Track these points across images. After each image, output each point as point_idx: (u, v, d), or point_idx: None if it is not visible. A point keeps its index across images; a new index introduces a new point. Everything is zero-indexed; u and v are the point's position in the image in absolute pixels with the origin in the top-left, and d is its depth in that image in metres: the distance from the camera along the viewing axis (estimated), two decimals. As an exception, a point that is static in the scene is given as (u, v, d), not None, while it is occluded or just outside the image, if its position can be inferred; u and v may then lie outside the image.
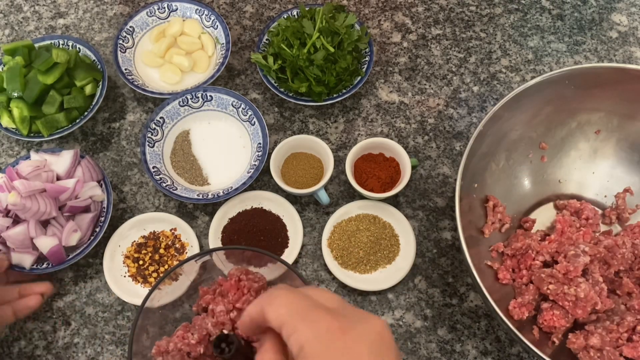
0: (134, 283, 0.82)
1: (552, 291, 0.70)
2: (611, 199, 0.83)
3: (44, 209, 0.76)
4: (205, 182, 0.87)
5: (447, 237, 0.84)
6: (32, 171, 0.77)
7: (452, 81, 0.95)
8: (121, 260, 0.83)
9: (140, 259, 0.82)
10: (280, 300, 0.42)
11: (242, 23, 1.02)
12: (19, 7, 1.05)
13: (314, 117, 0.93)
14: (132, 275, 0.82)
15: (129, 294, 0.80)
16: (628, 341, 0.69)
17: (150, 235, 0.84)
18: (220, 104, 0.90)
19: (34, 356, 0.79)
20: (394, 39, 0.99)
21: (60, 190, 0.77)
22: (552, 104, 0.78)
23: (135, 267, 0.82)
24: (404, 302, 0.80)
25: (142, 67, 0.96)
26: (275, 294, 0.43)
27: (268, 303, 0.42)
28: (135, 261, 0.82)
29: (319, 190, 0.83)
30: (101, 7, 1.04)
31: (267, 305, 0.42)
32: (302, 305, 0.42)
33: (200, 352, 0.59)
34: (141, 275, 0.81)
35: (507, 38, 0.99)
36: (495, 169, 0.79)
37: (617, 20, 1.00)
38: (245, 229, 0.83)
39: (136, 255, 0.82)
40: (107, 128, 0.94)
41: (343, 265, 0.81)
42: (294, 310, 0.41)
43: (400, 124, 0.92)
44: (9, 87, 0.86)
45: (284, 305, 0.42)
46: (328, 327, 0.40)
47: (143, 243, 0.83)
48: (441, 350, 0.78)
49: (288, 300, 0.42)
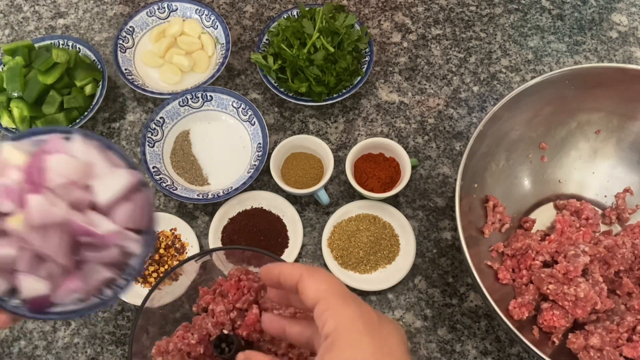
0: (134, 283, 0.81)
1: (552, 291, 0.70)
2: (611, 199, 0.83)
3: (50, 251, 0.46)
4: (205, 182, 0.87)
5: (447, 237, 0.84)
6: (66, 183, 0.46)
7: (452, 81, 0.95)
8: None
9: (140, 259, 0.82)
10: (322, 276, 0.43)
11: (242, 23, 1.02)
12: (19, 7, 1.05)
13: (314, 117, 0.93)
14: (132, 276, 0.82)
15: (129, 294, 0.80)
16: (628, 341, 0.69)
17: (150, 235, 0.84)
18: (220, 104, 0.90)
19: (34, 356, 0.79)
20: (394, 39, 0.99)
21: (87, 233, 0.47)
22: (552, 104, 0.78)
23: (135, 267, 0.82)
24: (404, 302, 0.80)
25: (142, 67, 0.96)
26: (316, 269, 0.43)
27: (309, 274, 0.42)
28: (135, 261, 0.82)
29: (319, 190, 0.83)
30: (101, 7, 1.04)
31: (308, 275, 0.42)
32: (342, 288, 0.43)
33: (200, 352, 0.59)
34: (141, 275, 0.81)
35: (507, 38, 0.99)
36: (495, 169, 0.79)
37: (617, 20, 1.00)
38: (245, 229, 0.83)
39: (136, 255, 0.82)
40: (107, 128, 0.94)
41: (343, 265, 0.81)
42: (335, 290, 0.42)
43: (400, 124, 0.92)
44: (9, 87, 0.86)
45: (325, 281, 0.42)
46: (365, 314, 0.41)
47: (143, 243, 0.83)
48: (441, 350, 0.78)
49: (330, 278, 0.43)
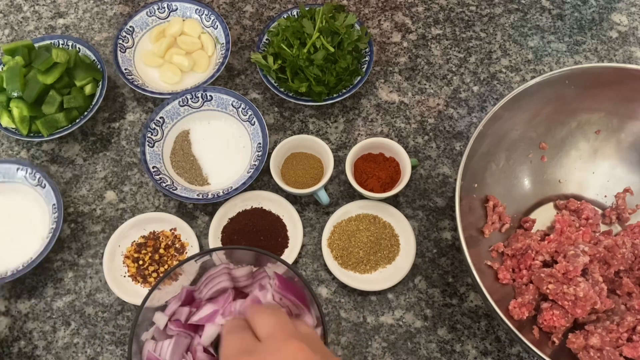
0: (134, 283, 0.82)
1: (551, 291, 0.70)
2: (611, 199, 0.83)
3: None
4: (205, 182, 0.87)
5: (447, 237, 0.84)
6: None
7: (452, 81, 0.95)
8: (121, 260, 0.83)
9: (140, 259, 0.82)
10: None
11: (242, 23, 1.02)
12: (19, 7, 1.05)
13: (314, 117, 0.93)
14: (132, 275, 0.82)
15: (129, 294, 0.80)
16: (628, 341, 0.69)
17: (150, 235, 0.84)
18: (220, 103, 0.90)
19: (34, 356, 0.79)
20: (394, 38, 0.99)
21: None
22: (552, 104, 0.78)
23: (135, 267, 0.82)
24: (404, 302, 0.80)
25: (142, 67, 0.96)
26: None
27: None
28: (135, 261, 0.82)
29: (319, 190, 0.83)
30: (101, 7, 1.04)
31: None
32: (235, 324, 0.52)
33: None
34: (141, 275, 0.81)
35: (507, 38, 0.99)
36: (495, 169, 0.79)
37: (617, 20, 1.00)
38: (245, 229, 0.83)
39: (136, 255, 0.82)
40: (107, 128, 0.94)
41: (343, 265, 0.81)
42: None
43: (400, 124, 0.92)
44: (8, 87, 0.86)
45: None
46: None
47: (143, 243, 0.83)
48: (441, 350, 0.77)
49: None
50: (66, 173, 0.90)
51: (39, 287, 0.83)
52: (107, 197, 0.88)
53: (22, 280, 0.83)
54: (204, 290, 0.60)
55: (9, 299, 0.82)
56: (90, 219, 0.87)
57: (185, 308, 0.59)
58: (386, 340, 0.78)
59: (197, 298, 0.61)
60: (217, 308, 0.57)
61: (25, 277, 0.83)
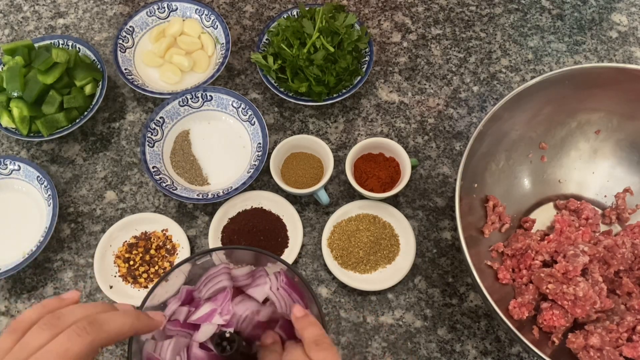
0: (124, 283, 0.82)
1: (551, 290, 0.70)
2: (611, 199, 0.83)
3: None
4: (205, 182, 0.87)
5: (447, 237, 0.84)
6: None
7: (452, 81, 0.95)
8: (112, 260, 0.83)
9: (131, 259, 0.82)
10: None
11: (242, 23, 1.02)
12: (19, 7, 1.05)
13: (314, 117, 0.93)
14: (123, 276, 0.82)
15: (121, 295, 0.80)
16: (628, 341, 0.69)
17: (141, 235, 0.84)
18: (220, 103, 0.90)
19: (33, 356, 0.79)
20: (394, 38, 0.99)
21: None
22: (552, 104, 0.78)
23: (126, 267, 0.82)
24: (404, 302, 0.80)
25: (142, 67, 0.96)
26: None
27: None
28: (126, 261, 0.82)
29: (319, 190, 0.83)
30: (101, 7, 1.04)
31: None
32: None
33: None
34: (131, 275, 0.81)
35: (507, 38, 0.99)
36: (495, 169, 0.79)
37: (617, 20, 1.00)
38: (245, 229, 0.83)
39: (127, 256, 0.82)
40: (107, 128, 0.94)
41: (343, 265, 0.81)
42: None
43: (400, 124, 0.92)
44: (8, 87, 0.86)
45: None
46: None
47: (134, 243, 0.83)
48: (441, 350, 0.78)
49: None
50: (66, 173, 0.90)
51: (39, 287, 0.83)
52: (107, 197, 0.88)
53: (22, 280, 0.83)
54: (203, 290, 0.60)
55: (9, 299, 0.82)
56: (90, 219, 0.87)
57: (184, 308, 0.59)
58: (386, 340, 0.78)
59: (197, 297, 0.61)
60: (215, 307, 0.57)
61: (25, 276, 0.83)
